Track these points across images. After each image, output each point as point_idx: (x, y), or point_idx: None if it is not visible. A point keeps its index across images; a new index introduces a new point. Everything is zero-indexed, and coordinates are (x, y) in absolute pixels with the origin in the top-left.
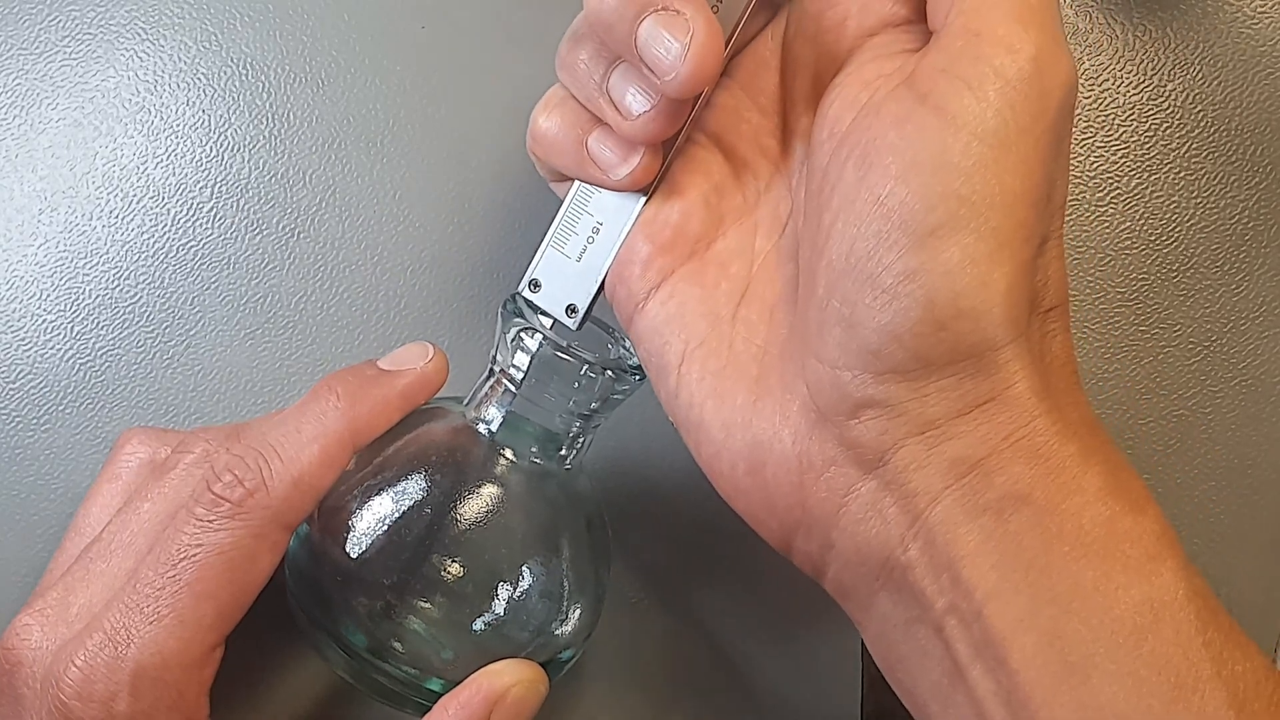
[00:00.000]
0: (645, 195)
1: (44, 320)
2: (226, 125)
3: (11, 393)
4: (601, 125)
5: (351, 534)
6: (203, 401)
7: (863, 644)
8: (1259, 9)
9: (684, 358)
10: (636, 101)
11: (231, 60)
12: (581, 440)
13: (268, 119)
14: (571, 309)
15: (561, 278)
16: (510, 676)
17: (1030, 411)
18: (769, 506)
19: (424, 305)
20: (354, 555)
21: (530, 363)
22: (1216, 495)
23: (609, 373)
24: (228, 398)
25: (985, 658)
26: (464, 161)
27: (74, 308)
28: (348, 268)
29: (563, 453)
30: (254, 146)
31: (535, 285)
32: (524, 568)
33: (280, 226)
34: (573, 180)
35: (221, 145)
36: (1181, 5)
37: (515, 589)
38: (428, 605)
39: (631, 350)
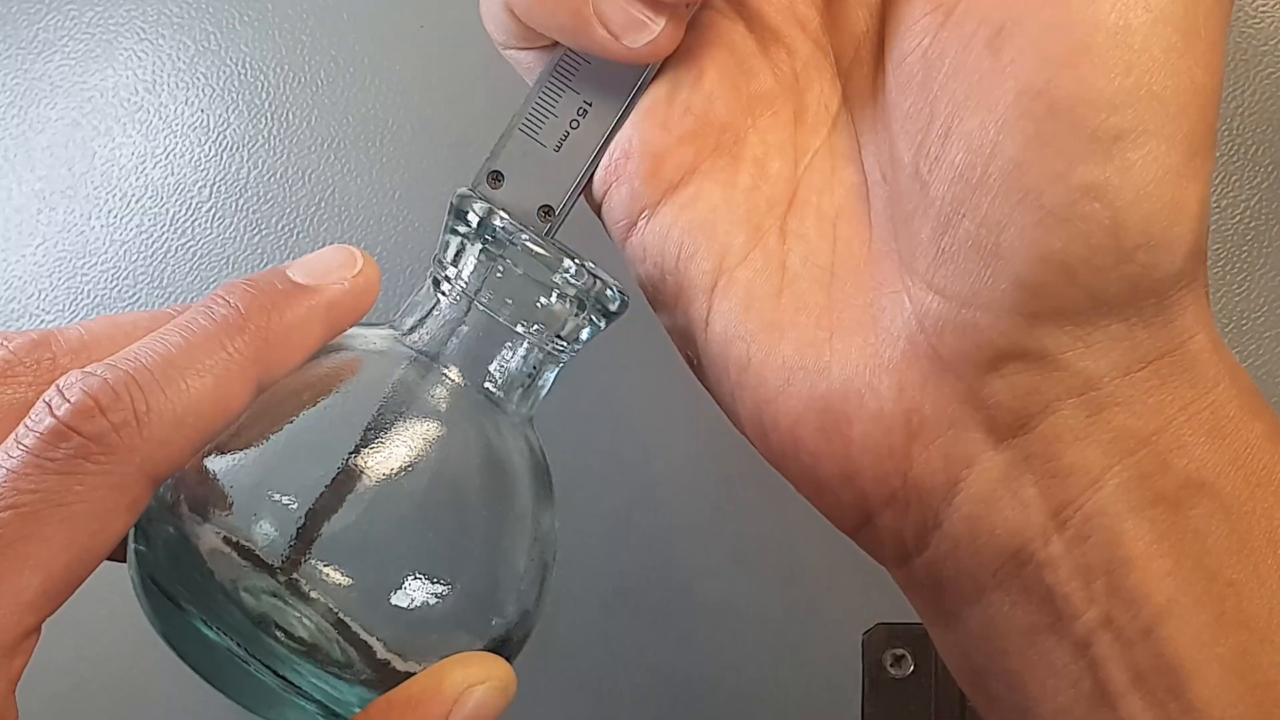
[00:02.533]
0: (651, 70)
1: (43, 320)
2: (225, 125)
3: None
4: None
5: (239, 485)
6: None
7: (863, 644)
8: (1259, 9)
9: (718, 278)
10: None
11: (230, 60)
12: (543, 379)
13: (267, 118)
14: (545, 210)
15: (532, 171)
16: (474, 671)
17: (1212, 375)
18: (847, 474)
19: None
20: (244, 513)
21: (492, 256)
22: None
23: (597, 280)
24: None
25: (1153, 687)
26: (464, 161)
27: (73, 307)
28: None
29: (520, 389)
30: (253, 146)
31: (496, 178)
32: (477, 522)
33: (280, 226)
34: (549, 49)
35: (220, 145)
36: None
37: (465, 548)
38: (346, 576)
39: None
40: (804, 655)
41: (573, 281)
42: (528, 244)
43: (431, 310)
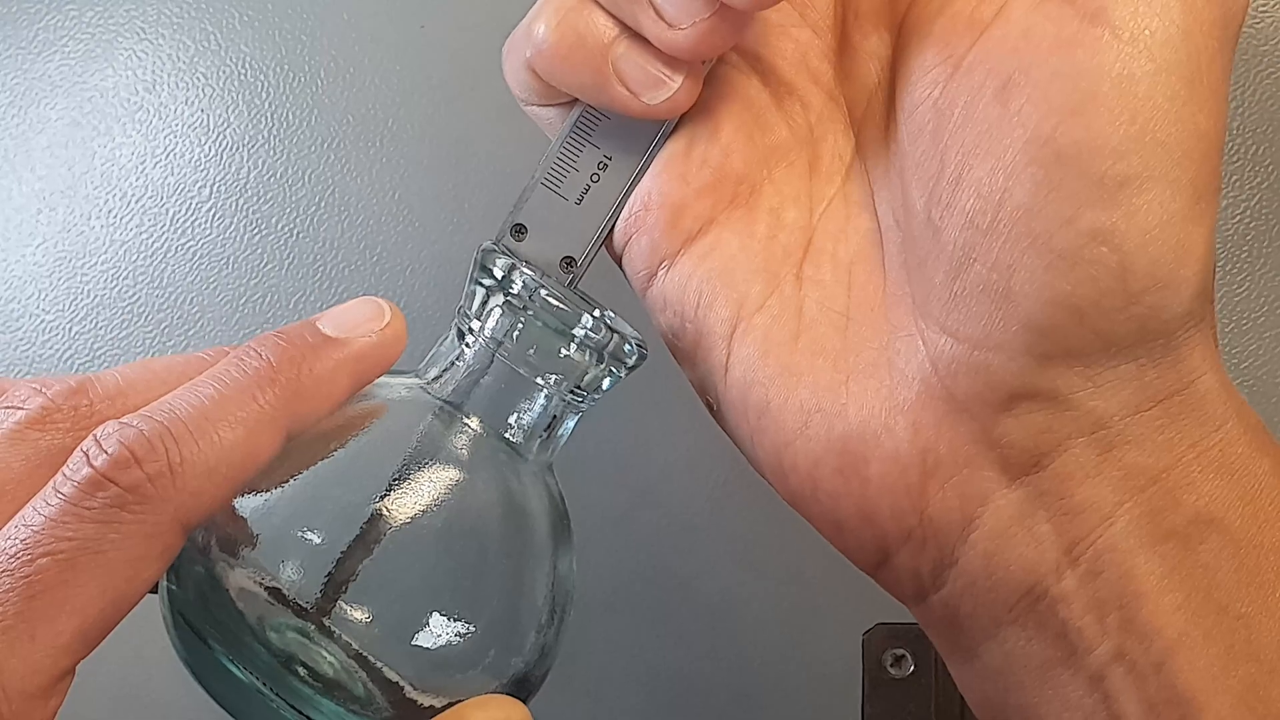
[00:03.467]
0: (669, 124)
1: (42, 320)
2: (225, 125)
3: None
4: (630, 36)
5: (268, 528)
6: None
7: (863, 644)
8: (1259, 9)
9: (737, 325)
10: (687, 6)
11: (230, 59)
12: (562, 427)
13: (267, 118)
14: (568, 261)
15: (555, 223)
16: (493, 714)
17: (1220, 414)
18: (865, 513)
19: (424, 305)
20: (273, 555)
21: (514, 309)
22: None
23: (615, 334)
24: None
25: (1165, 719)
26: (464, 161)
27: (73, 308)
28: (347, 268)
29: (540, 438)
30: (253, 146)
31: (520, 231)
32: (497, 566)
33: (280, 226)
34: (569, 105)
35: (220, 144)
36: None
37: (486, 590)
38: (371, 616)
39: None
40: (804, 655)
41: (592, 334)
42: (548, 299)
43: (455, 360)
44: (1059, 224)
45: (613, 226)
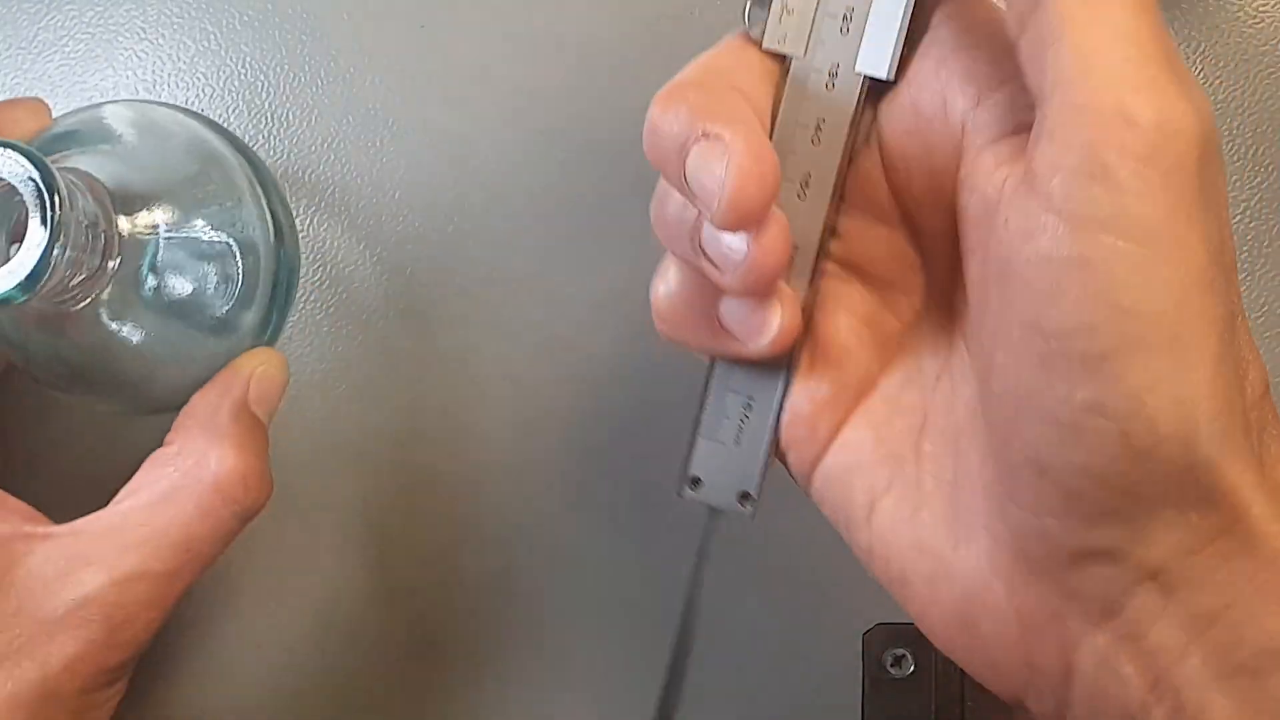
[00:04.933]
0: (791, 353)
1: None
2: (225, 125)
3: (11, 392)
4: (720, 294)
5: None
6: None
7: (863, 644)
8: (1260, 8)
9: (871, 508)
10: (734, 245)
11: (231, 60)
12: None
13: (267, 118)
14: (745, 497)
15: (722, 467)
16: (250, 362)
17: (1273, 545)
18: (992, 665)
19: (424, 305)
20: None
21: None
22: None
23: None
24: None
25: None
26: (464, 161)
27: None
28: (347, 267)
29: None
30: (253, 146)
31: (696, 483)
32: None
33: None
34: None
35: None
36: (1182, 5)
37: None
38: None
39: None
40: (804, 655)
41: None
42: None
43: None
44: (1058, 401)
45: (772, 451)
